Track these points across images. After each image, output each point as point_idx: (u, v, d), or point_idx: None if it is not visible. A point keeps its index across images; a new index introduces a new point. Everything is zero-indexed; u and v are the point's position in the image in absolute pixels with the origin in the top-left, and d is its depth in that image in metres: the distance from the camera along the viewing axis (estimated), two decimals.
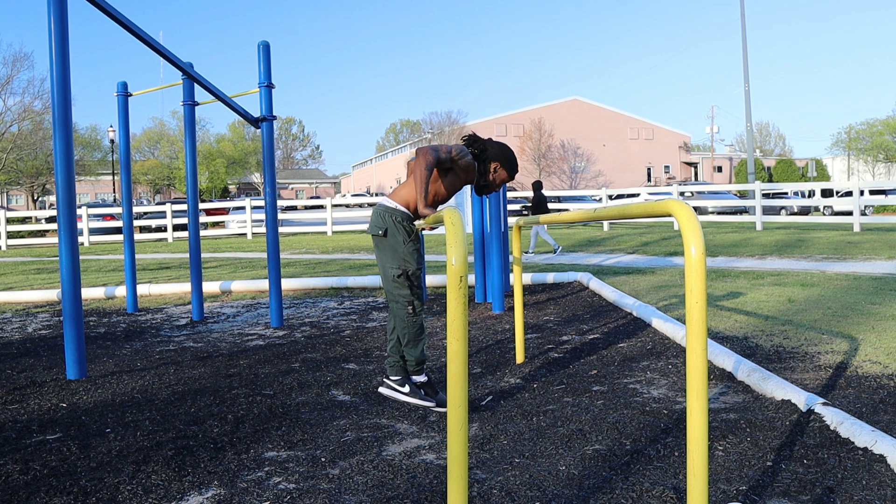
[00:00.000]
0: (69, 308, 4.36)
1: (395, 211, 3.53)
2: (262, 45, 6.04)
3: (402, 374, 3.64)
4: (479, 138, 3.61)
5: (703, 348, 1.77)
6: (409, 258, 3.52)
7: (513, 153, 3.69)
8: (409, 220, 3.54)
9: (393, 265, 3.52)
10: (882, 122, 59.05)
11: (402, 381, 3.63)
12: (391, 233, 3.51)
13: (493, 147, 3.63)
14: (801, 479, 2.49)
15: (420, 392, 3.62)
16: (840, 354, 4.26)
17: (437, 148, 3.43)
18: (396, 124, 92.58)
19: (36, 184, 48.56)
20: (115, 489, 2.59)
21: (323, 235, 22.50)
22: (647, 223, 21.86)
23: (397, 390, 3.64)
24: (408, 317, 3.54)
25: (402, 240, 3.51)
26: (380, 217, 3.56)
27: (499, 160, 3.63)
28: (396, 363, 3.64)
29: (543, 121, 56.99)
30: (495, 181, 3.68)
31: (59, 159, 4.35)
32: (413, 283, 3.54)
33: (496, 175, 3.66)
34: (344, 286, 8.67)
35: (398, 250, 3.51)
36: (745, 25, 27.60)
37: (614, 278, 8.40)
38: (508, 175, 3.69)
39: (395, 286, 3.53)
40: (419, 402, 3.59)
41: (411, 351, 3.59)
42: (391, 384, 3.66)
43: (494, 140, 3.67)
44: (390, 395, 3.66)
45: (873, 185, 19.58)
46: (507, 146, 3.68)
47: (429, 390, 3.65)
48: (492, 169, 3.63)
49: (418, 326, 3.56)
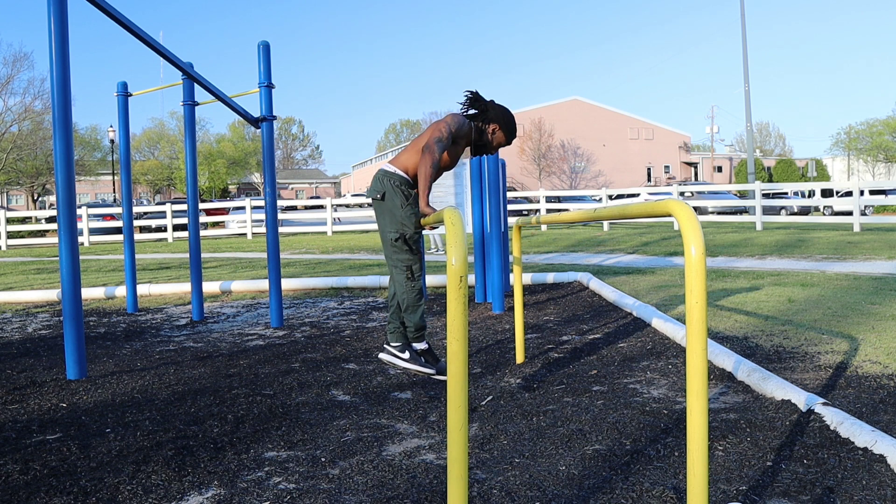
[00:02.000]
0: (69, 308, 4.36)
1: (395, 175, 3.54)
2: (262, 45, 6.04)
3: (402, 341, 3.64)
4: (482, 98, 3.61)
5: (703, 348, 1.77)
6: (407, 221, 3.52)
7: (513, 118, 3.69)
8: (407, 185, 3.55)
9: (391, 229, 3.53)
10: (882, 122, 59.05)
11: (402, 348, 3.62)
12: (389, 196, 3.52)
13: (495, 108, 3.63)
14: (801, 479, 2.49)
15: (420, 359, 3.61)
16: (840, 354, 4.26)
17: (439, 139, 3.44)
18: (396, 124, 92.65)
19: (36, 184, 48.56)
20: (115, 489, 2.59)
21: (323, 235, 22.50)
22: (647, 223, 21.85)
23: (397, 356, 3.63)
24: (406, 281, 3.54)
25: (399, 203, 3.52)
26: (378, 181, 3.57)
27: (498, 122, 3.64)
28: (397, 329, 3.64)
29: (543, 121, 56.97)
30: (492, 142, 3.68)
31: (59, 159, 4.35)
32: (411, 247, 3.54)
33: (494, 136, 3.66)
34: (344, 286, 8.67)
35: (396, 214, 3.52)
36: (745, 25, 27.60)
37: (614, 278, 8.40)
38: (506, 138, 3.69)
39: (394, 250, 3.54)
40: (419, 369, 3.58)
41: (411, 317, 3.58)
42: (391, 350, 3.65)
43: (497, 102, 3.67)
44: (390, 360, 3.66)
45: (873, 185, 19.58)
46: (508, 110, 3.68)
47: (429, 357, 3.64)
48: (490, 130, 3.64)
49: (417, 291, 3.56)
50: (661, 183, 59.81)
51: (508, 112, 3.67)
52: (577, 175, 57.87)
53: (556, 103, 59.43)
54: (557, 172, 57.70)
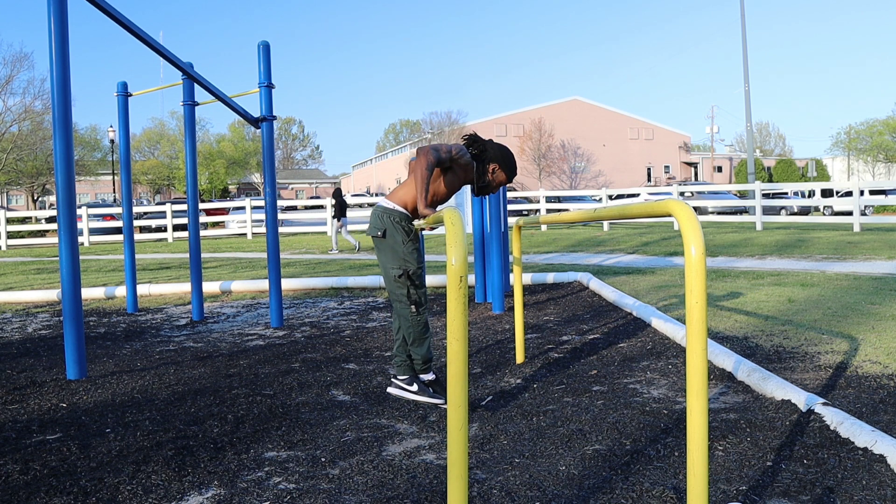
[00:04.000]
0: (69, 308, 4.36)
1: (394, 212, 3.54)
2: (262, 45, 6.04)
3: (409, 374, 3.64)
4: (480, 138, 3.61)
5: (703, 348, 1.77)
6: (410, 258, 3.52)
7: (512, 155, 3.69)
8: (407, 221, 3.54)
9: (394, 265, 3.53)
10: (882, 123, 59.04)
11: (409, 381, 3.63)
12: (390, 233, 3.52)
13: (493, 148, 3.63)
14: (801, 479, 2.49)
15: (429, 390, 3.62)
16: (840, 354, 4.26)
17: (437, 148, 3.44)
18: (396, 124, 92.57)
19: (36, 184, 48.55)
20: (115, 489, 2.59)
21: (323, 235, 22.50)
22: (647, 223, 21.85)
23: (406, 389, 3.64)
24: (412, 316, 3.54)
25: (401, 240, 3.52)
26: (378, 218, 3.56)
27: (498, 161, 3.63)
28: (403, 362, 3.65)
29: (543, 121, 56.97)
30: (493, 182, 3.68)
31: (59, 159, 4.35)
32: (415, 283, 3.54)
33: (494, 176, 3.66)
34: (344, 286, 8.67)
35: (398, 250, 3.52)
36: (745, 25, 27.60)
37: (614, 278, 8.40)
38: (507, 177, 3.70)
39: (398, 286, 3.54)
40: (428, 400, 3.59)
41: (417, 349, 3.59)
42: (399, 384, 3.66)
43: (495, 142, 3.67)
44: (399, 394, 3.67)
45: (873, 185, 19.58)
46: (506, 148, 3.68)
47: (437, 388, 3.65)
48: (490, 170, 3.64)
49: (422, 325, 3.56)
50: (661, 183, 59.80)
51: (507, 150, 3.67)
52: (577, 175, 57.87)
53: (556, 103, 59.43)
54: (557, 172, 57.70)
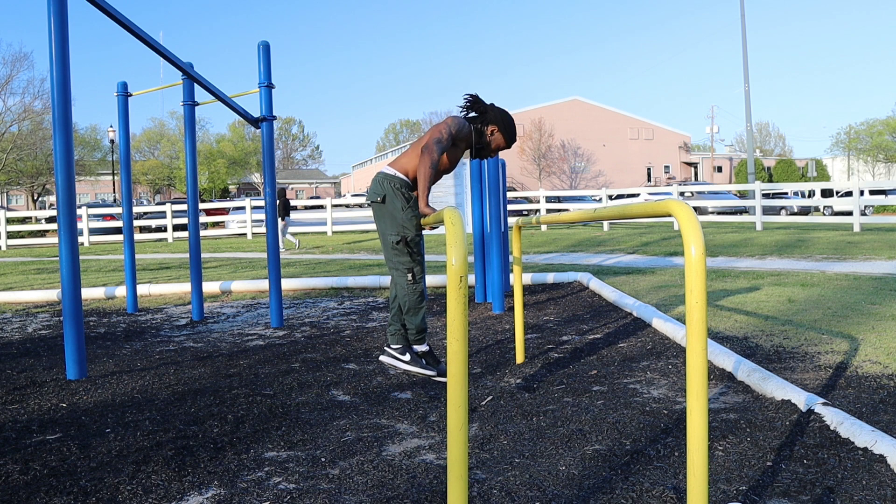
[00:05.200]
0: (69, 308, 4.36)
1: (395, 178, 3.53)
2: (262, 45, 6.04)
3: (403, 343, 3.63)
4: (481, 100, 3.62)
5: (703, 348, 1.77)
6: (408, 224, 3.52)
7: (513, 121, 3.69)
8: (407, 188, 3.55)
9: (392, 232, 3.52)
10: (882, 123, 59.07)
11: (402, 350, 3.62)
12: (389, 199, 3.52)
13: (494, 111, 3.64)
14: (801, 479, 2.49)
15: (421, 361, 3.61)
16: (840, 354, 4.26)
17: (439, 140, 3.44)
18: (396, 124, 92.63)
19: (36, 184, 48.56)
20: (115, 489, 2.59)
21: (323, 235, 22.50)
22: (647, 223, 21.85)
23: (398, 358, 3.63)
24: (408, 284, 3.53)
25: (400, 206, 3.51)
26: (378, 184, 3.57)
27: (497, 124, 3.63)
28: (398, 331, 3.64)
29: (543, 121, 56.96)
30: (491, 144, 3.67)
31: (59, 159, 4.35)
32: (412, 250, 3.54)
33: (493, 138, 3.66)
34: (344, 286, 8.67)
35: (397, 216, 3.51)
36: (745, 25, 27.60)
37: (614, 278, 8.40)
38: (505, 141, 3.68)
39: (395, 253, 3.53)
40: (420, 371, 3.58)
41: (412, 319, 3.58)
42: (392, 352, 3.65)
43: (497, 105, 3.67)
44: (391, 363, 3.65)
45: (873, 185, 19.57)
46: (507, 113, 3.67)
47: (430, 359, 3.64)
48: (489, 131, 3.64)
49: (418, 294, 3.56)
50: (661, 183, 59.79)
51: (508, 115, 3.67)
52: (577, 175, 57.87)
53: (556, 103, 59.42)
54: (557, 172, 57.69)
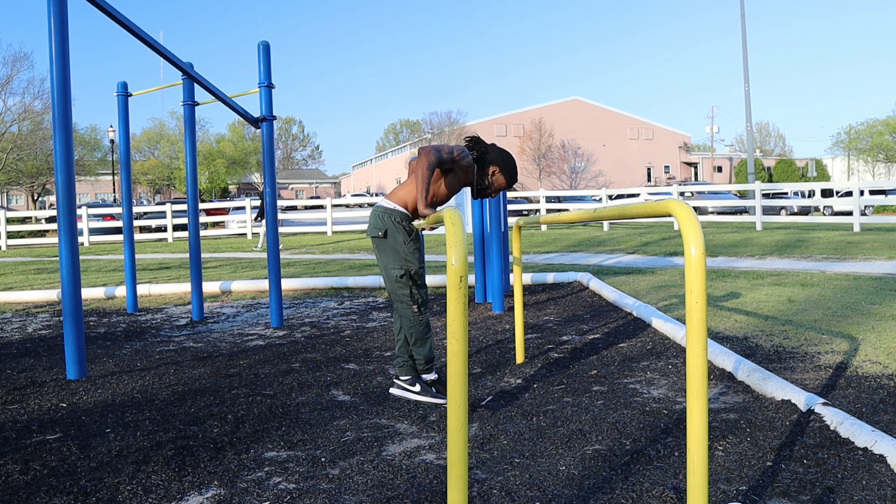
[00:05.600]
0: (69, 308, 4.36)
1: (394, 212, 3.53)
2: (262, 45, 6.04)
3: (411, 374, 3.64)
4: (482, 141, 3.61)
5: (703, 348, 1.77)
6: (411, 257, 3.52)
7: (514, 161, 3.68)
8: (407, 220, 3.54)
9: (395, 265, 3.52)
10: (882, 122, 59.07)
11: (412, 381, 3.63)
12: (391, 234, 3.52)
13: (495, 151, 3.63)
14: (801, 479, 2.49)
15: (431, 390, 3.62)
16: (840, 354, 4.26)
17: (438, 148, 3.43)
18: (396, 124, 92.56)
19: (36, 184, 48.56)
20: (115, 489, 2.59)
21: (323, 235, 22.50)
22: (647, 223, 21.85)
23: (408, 390, 3.64)
24: (413, 316, 3.54)
25: (402, 240, 3.52)
26: (379, 218, 3.56)
27: (498, 165, 3.62)
28: (406, 363, 3.64)
29: (543, 121, 56.98)
30: (493, 185, 3.68)
31: (59, 159, 4.35)
32: (416, 282, 3.54)
33: (494, 179, 3.65)
34: (344, 286, 8.67)
35: (399, 250, 3.51)
36: (745, 25, 27.61)
37: (614, 278, 8.40)
38: (507, 182, 3.69)
39: (399, 286, 3.53)
40: (431, 401, 3.58)
41: (419, 350, 3.59)
42: (402, 384, 3.66)
43: (497, 146, 3.67)
44: (402, 395, 3.66)
45: (873, 185, 19.58)
46: (508, 153, 3.67)
47: (440, 388, 3.65)
48: (490, 172, 3.63)
49: (424, 325, 3.56)
50: (661, 183, 59.80)
51: (509, 155, 3.67)
52: (577, 175, 57.88)
53: (556, 103, 59.43)
54: (557, 172, 57.70)
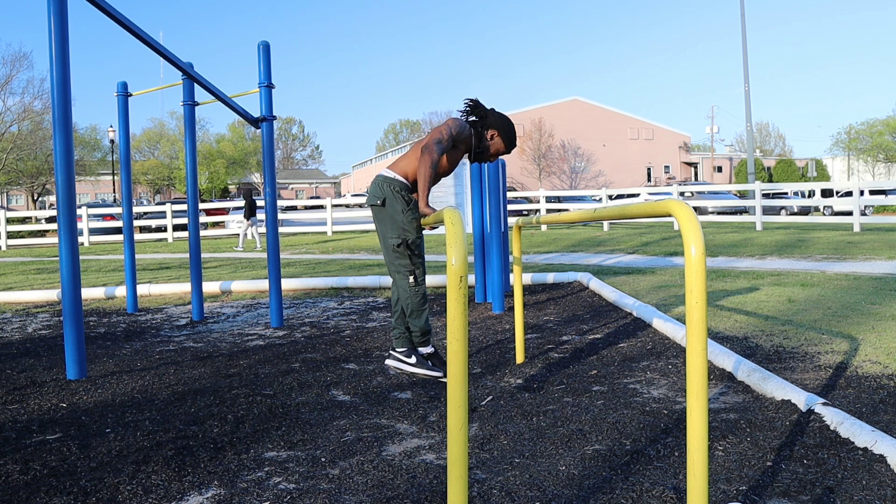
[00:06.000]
0: (69, 308, 4.36)
1: (394, 181, 3.53)
2: (262, 45, 6.04)
3: (407, 346, 3.63)
4: (482, 105, 3.61)
5: (703, 348, 1.77)
6: (409, 227, 3.51)
7: (513, 126, 3.68)
8: (407, 191, 3.54)
9: (393, 234, 3.52)
10: (882, 122, 59.08)
11: (408, 353, 3.62)
12: (390, 202, 3.51)
13: (495, 115, 3.64)
14: (801, 479, 2.49)
15: (427, 363, 3.60)
16: (840, 354, 4.26)
17: (439, 140, 3.43)
18: (396, 124, 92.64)
19: (36, 184, 48.56)
20: (115, 489, 2.59)
21: (323, 235, 22.50)
22: (647, 223, 21.85)
23: (404, 361, 3.62)
24: (410, 287, 3.53)
25: (400, 209, 3.51)
26: (378, 187, 3.56)
27: (497, 128, 3.63)
28: (402, 335, 3.64)
29: (543, 121, 56.96)
30: (490, 148, 3.67)
31: (59, 159, 4.35)
32: (413, 252, 3.54)
33: (492, 142, 3.65)
34: (344, 286, 8.67)
35: (397, 219, 3.51)
36: (745, 25, 27.61)
37: (614, 278, 8.40)
38: (505, 146, 3.68)
39: (396, 256, 3.53)
40: (427, 373, 3.58)
41: (415, 321, 3.58)
42: (397, 355, 3.64)
43: (497, 110, 3.66)
44: (397, 366, 3.65)
45: (873, 185, 19.58)
46: (508, 118, 3.67)
47: (436, 361, 3.63)
48: (489, 136, 3.63)
49: (421, 296, 3.55)
50: (661, 183, 59.79)
51: (508, 120, 3.67)
52: (577, 175, 57.87)
53: (556, 103, 59.41)
54: (557, 172, 57.70)
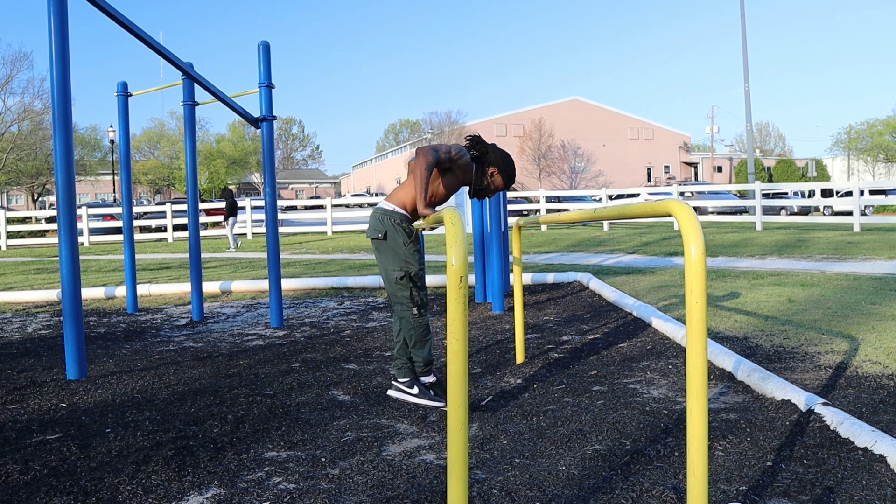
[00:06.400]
0: (69, 308, 4.36)
1: (394, 213, 3.53)
2: (262, 45, 6.04)
3: (410, 376, 3.63)
4: (483, 141, 3.61)
5: (703, 348, 1.77)
6: (411, 259, 3.52)
7: (513, 163, 3.69)
8: (407, 222, 3.54)
9: (395, 267, 3.52)
10: (882, 122, 59.07)
11: (410, 383, 3.62)
12: (391, 235, 3.51)
13: (495, 152, 3.63)
14: (801, 479, 2.49)
15: (429, 392, 3.61)
16: (840, 354, 4.26)
17: (436, 148, 3.43)
18: (396, 124, 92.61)
19: (36, 184, 48.55)
20: (115, 489, 2.59)
21: (323, 235, 22.50)
22: (647, 223, 21.85)
23: (406, 392, 3.63)
24: (413, 318, 3.53)
25: (402, 241, 3.51)
26: (378, 220, 3.55)
27: (497, 166, 3.63)
28: (404, 365, 3.63)
29: (543, 121, 56.97)
30: (490, 186, 3.68)
31: (59, 159, 4.35)
32: (416, 284, 3.54)
33: (492, 180, 3.66)
34: (344, 286, 8.67)
35: (399, 252, 3.51)
36: (745, 25, 27.61)
37: (614, 278, 8.40)
38: (504, 183, 3.69)
39: (399, 288, 3.53)
40: (429, 403, 3.58)
41: (418, 352, 3.58)
42: (400, 386, 3.65)
43: (497, 146, 3.67)
44: (399, 397, 3.65)
45: (873, 185, 19.58)
46: (507, 154, 3.68)
47: (438, 390, 3.64)
48: (489, 173, 3.64)
49: (424, 327, 3.56)
50: (661, 183, 59.79)
51: (508, 157, 3.68)
52: (577, 175, 57.88)
53: (556, 103, 59.42)
54: (557, 172, 57.70)
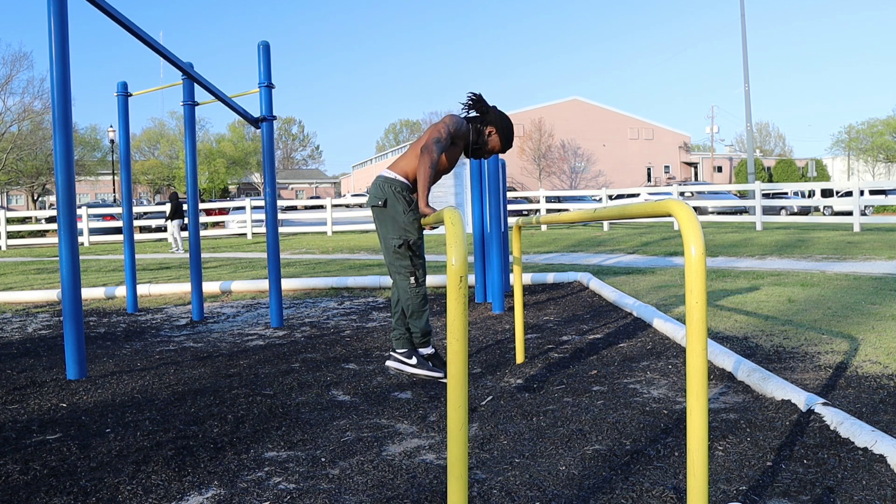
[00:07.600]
0: (69, 308, 4.36)
1: (395, 181, 3.53)
2: (262, 45, 6.04)
3: (408, 347, 3.63)
4: (484, 101, 3.62)
5: (703, 348, 1.77)
6: (410, 227, 3.51)
7: (512, 126, 3.69)
8: (408, 191, 3.54)
9: (394, 235, 3.51)
10: (882, 122, 59.10)
11: (408, 353, 3.62)
12: (391, 203, 3.51)
13: (495, 113, 3.65)
14: (801, 479, 2.49)
15: (428, 364, 3.60)
16: (840, 354, 4.25)
17: (438, 139, 3.44)
18: (396, 124, 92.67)
19: (36, 184, 48.57)
20: (115, 489, 2.59)
21: (323, 235, 22.50)
22: (647, 223, 21.85)
23: (404, 362, 3.62)
24: (410, 288, 3.53)
25: (402, 209, 3.51)
26: (379, 188, 3.56)
27: (496, 126, 3.64)
28: (402, 336, 3.63)
29: (543, 121, 56.95)
30: (486, 145, 3.68)
31: (59, 159, 4.35)
32: (414, 253, 3.53)
33: (490, 139, 3.66)
34: (344, 286, 8.67)
35: (398, 220, 3.51)
36: (745, 25, 27.61)
37: (614, 278, 8.40)
38: (501, 144, 3.69)
39: (397, 257, 3.52)
40: (428, 374, 3.58)
41: (416, 322, 3.58)
42: (398, 356, 3.64)
43: (499, 109, 3.68)
44: (397, 367, 3.65)
45: (873, 185, 19.58)
46: (508, 118, 3.69)
47: (436, 362, 3.63)
48: (487, 132, 3.64)
49: (421, 297, 3.55)
50: (661, 183, 59.78)
51: (509, 120, 3.68)
52: (577, 175, 57.86)
53: (556, 103, 59.39)
54: (557, 172, 57.69)
